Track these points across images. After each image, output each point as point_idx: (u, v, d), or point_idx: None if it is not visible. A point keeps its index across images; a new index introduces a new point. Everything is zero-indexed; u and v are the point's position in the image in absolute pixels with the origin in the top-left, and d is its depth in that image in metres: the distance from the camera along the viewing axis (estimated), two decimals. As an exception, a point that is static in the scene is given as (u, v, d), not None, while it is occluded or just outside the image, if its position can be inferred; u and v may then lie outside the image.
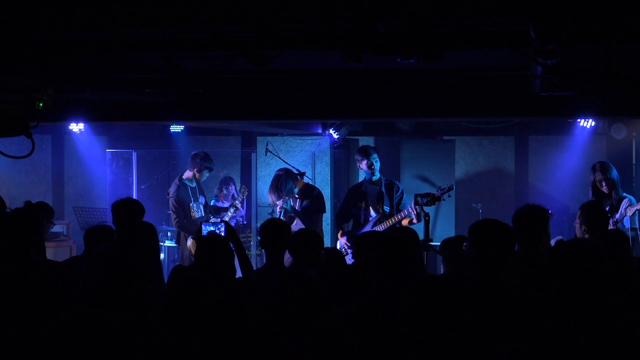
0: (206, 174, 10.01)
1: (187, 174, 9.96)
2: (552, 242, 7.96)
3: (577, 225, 6.98)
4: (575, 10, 4.87)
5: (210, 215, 10.08)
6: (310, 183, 9.81)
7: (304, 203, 9.39)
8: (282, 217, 9.06)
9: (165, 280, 6.74)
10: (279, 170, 9.60)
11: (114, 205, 6.78)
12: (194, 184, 9.93)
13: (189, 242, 9.74)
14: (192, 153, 10.21)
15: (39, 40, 5.87)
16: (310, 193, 9.57)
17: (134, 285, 4.72)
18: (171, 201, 9.83)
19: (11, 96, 6.96)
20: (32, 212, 6.49)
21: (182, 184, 9.86)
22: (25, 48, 5.89)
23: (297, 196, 9.40)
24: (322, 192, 11.62)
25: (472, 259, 5.00)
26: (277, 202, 9.31)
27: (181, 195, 9.78)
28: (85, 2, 4.78)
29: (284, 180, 9.25)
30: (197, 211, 9.85)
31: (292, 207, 9.35)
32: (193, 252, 9.55)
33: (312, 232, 6.55)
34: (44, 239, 6.56)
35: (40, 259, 5.61)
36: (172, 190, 9.89)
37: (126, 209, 6.68)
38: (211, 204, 10.72)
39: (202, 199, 9.99)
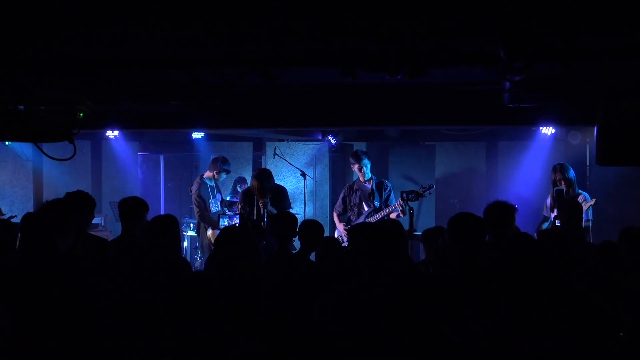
0: (224, 175, 10.06)
1: (208, 174, 10.00)
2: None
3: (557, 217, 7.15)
4: (538, 34, 4.84)
5: (225, 209, 10.08)
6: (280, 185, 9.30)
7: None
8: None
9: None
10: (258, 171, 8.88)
11: (120, 202, 6.56)
12: (213, 183, 9.98)
13: (209, 232, 9.77)
14: (213, 157, 10.24)
15: (79, 58, 5.85)
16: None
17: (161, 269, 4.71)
18: (194, 197, 9.91)
19: (56, 108, 6.93)
20: (70, 202, 6.35)
21: (202, 183, 9.92)
22: (67, 65, 5.86)
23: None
24: (322, 189, 11.62)
25: (451, 245, 5.00)
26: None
27: (202, 192, 9.84)
28: (117, 25, 4.74)
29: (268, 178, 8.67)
30: (215, 206, 9.90)
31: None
32: (212, 240, 9.53)
33: (316, 223, 6.47)
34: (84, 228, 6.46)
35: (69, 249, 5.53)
36: (194, 187, 9.95)
37: (131, 206, 6.56)
38: (227, 199, 10.68)
39: (218, 196, 10.02)
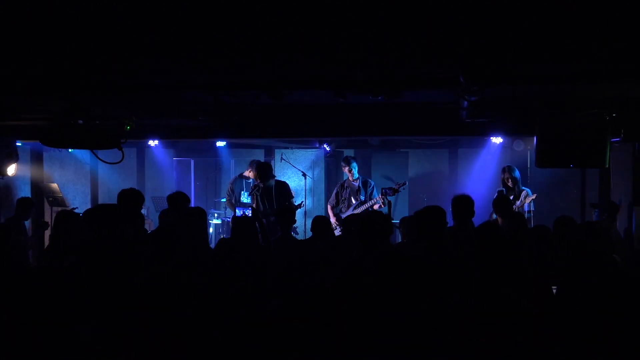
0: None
1: (246, 173, 9.90)
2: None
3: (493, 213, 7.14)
4: (490, 64, 4.86)
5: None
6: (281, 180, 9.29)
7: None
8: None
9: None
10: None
11: (168, 196, 6.91)
12: (250, 180, 9.82)
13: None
14: (255, 161, 9.83)
15: (127, 84, 5.86)
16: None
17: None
18: (228, 186, 9.87)
19: (108, 122, 6.92)
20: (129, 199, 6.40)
21: (239, 178, 9.88)
22: (117, 89, 5.88)
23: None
24: (319, 187, 11.63)
25: (420, 231, 5.01)
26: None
27: (235, 185, 9.80)
28: (158, 58, 4.75)
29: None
30: (247, 198, 9.75)
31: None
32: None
33: (326, 219, 6.44)
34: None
35: (132, 234, 5.56)
36: (231, 179, 9.95)
37: (175, 198, 6.79)
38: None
39: None
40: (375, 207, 8.80)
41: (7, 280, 3.87)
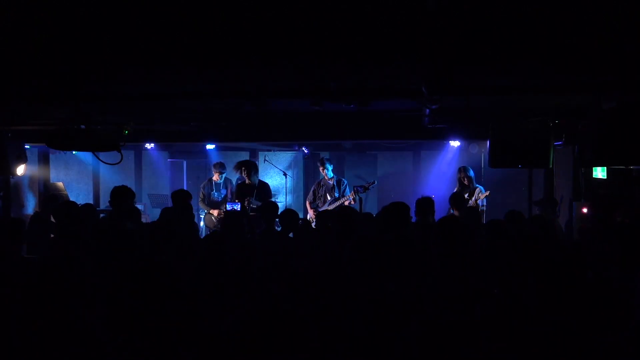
0: (221, 175, 9.73)
1: (213, 175, 9.80)
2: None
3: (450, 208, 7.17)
4: (449, 77, 4.88)
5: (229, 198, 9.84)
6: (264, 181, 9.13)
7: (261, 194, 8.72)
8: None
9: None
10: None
11: (172, 193, 6.79)
12: (219, 181, 9.71)
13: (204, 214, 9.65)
14: (219, 163, 9.97)
15: (125, 93, 5.79)
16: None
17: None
18: (200, 190, 9.73)
19: (108, 127, 6.84)
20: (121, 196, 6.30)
21: (208, 181, 9.71)
22: (116, 97, 5.80)
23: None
24: (298, 185, 11.59)
25: (387, 224, 5.02)
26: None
27: (205, 187, 9.63)
28: (153, 70, 4.69)
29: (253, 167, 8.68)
30: (218, 198, 9.63)
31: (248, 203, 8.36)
32: (205, 221, 9.40)
33: (292, 211, 6.40)
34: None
35: (130, 227, 5.47)
36: (202, 184, 9.80)
37: (179, 194, 6.68)
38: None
39: (224, 191, 9.72)
40: (346, 203, 8.80)
41: (12, 270, 3.79)
